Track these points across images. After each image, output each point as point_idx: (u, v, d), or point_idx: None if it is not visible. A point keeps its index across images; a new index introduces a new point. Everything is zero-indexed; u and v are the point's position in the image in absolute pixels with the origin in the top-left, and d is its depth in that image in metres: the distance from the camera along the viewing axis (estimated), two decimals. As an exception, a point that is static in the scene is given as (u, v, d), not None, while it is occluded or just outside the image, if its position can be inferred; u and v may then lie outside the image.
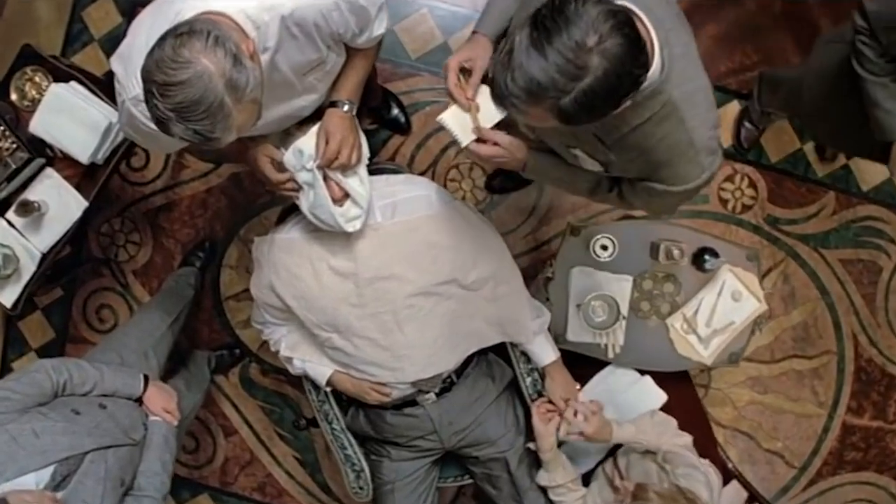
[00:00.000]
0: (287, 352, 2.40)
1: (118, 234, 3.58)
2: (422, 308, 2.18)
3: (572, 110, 1.45)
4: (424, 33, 3.43)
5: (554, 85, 1.42)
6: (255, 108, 1.61)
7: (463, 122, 1.83)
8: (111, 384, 2.29)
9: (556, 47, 1.39)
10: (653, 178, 1.79)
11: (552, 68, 1.41)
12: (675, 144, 1.70)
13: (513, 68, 1.45)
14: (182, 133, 1.54)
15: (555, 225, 3.47)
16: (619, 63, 1.41)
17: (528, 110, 1.50)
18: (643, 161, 1.75)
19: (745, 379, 3.57)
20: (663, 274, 2.76)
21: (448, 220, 2.21)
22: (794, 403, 3.60)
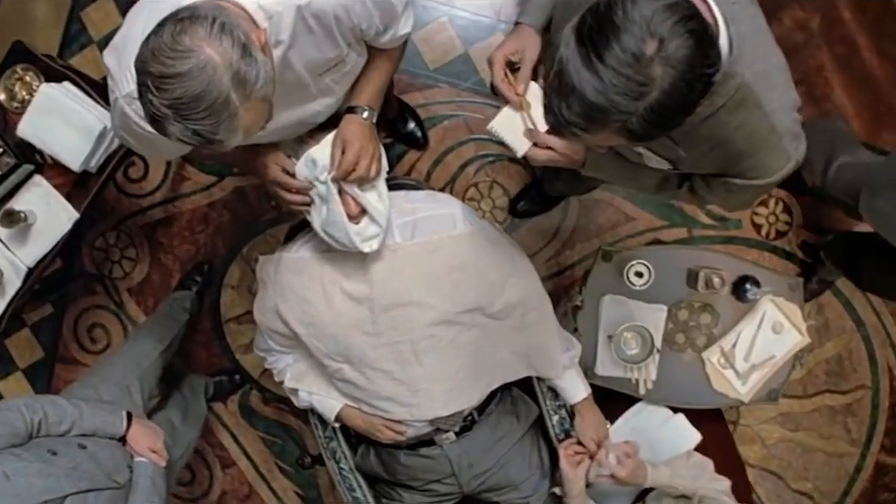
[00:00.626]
0: (292, 383, 2.21)
1: (113, 249, 3.41)
2: (443, 338, 2.00)
3: (642, 130, 1.26)
4: (444, 43, 3.25)
5: (616, 108, 1.22)
6: (264, 108, 1.41)
7: (514, 128, 1.69)
8: (91, 423, 2.10)
9: (609, 64, 1.19)
10: (731, 173, 1.60)
11: (610, 90, 1.21)
12: (755, 132, 1.50)
13: (565, 93, 1.25)
14: (180, 134, 1.34)
15: (579, 249, 3.29)
16: (686, 68, 1.21)
17: (592, 136, 1.31)
18: (718, 154, 1.55)
19: (776, 415, 3.41)
20: (700, 304, 2.59)
21: (473, 242, 2.03)
22: (826, 441, 3.44)
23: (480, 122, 3.23)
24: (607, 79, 1.20)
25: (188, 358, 3.39)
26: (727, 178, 1.61)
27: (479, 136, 3.24)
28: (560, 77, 1.25)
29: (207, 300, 3.36)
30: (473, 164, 3.26)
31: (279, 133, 1.82)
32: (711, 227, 3.28)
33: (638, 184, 1.88)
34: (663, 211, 3.25)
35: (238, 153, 1.89)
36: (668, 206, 3.24)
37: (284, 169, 1.89)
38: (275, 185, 1.90)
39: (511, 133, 1.69)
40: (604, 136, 1.30)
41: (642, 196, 3.21)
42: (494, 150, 3.23)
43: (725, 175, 1.61)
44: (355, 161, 1.79)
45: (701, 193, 1.77)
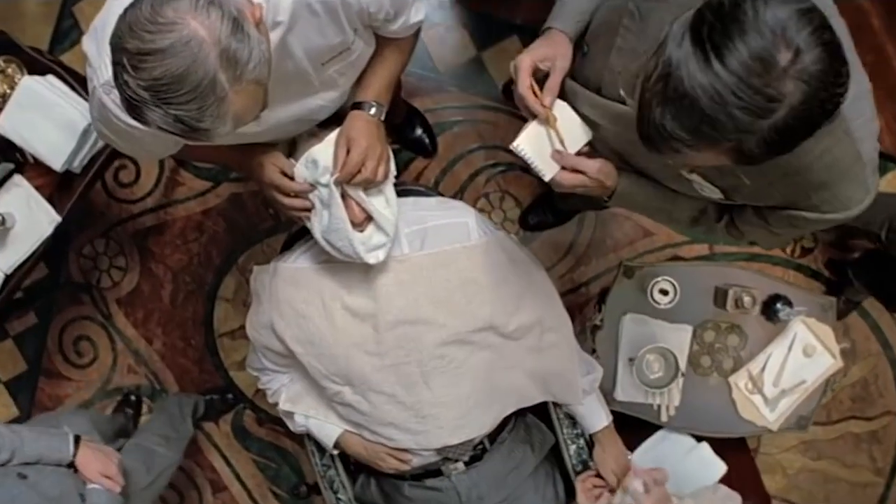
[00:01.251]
0: (287, 405, 2.04)
1: (101, 257, 3.23)
2: (453, 359, 1.84)
3: (758, 152, 1.08)
4: (455, 44, 3.09)
5: (735, 125, 1.04)
6: (258, 94, 1.24)
7: (541, 147, 1.54)
8: (33, 450, 1.94)
9: (733, 70, 1.01)
10: (801, 205, 1.40)
11: (731, 103, 1.03)
12: (839, 161, 1.31)
13: (671, 100, 1.06)
14: (160, 121, 1.17)
15: (594, 265, 3.12)
16: (820, 85, 1.03)
17: (690, 154, 1.12)
18: (790, 184, 1.36)
19: (798, 443, 3.25)
20: (727, 324, 2.44)
21: (488, 254, 1.87)
22: (850, 470, 3.29)
23: (491, 130, 3.07)
24: (729, 88, 1.02)
25: (179, 375, 3.23)
26: (794, 211, 1.42)
27: (491, 144, 3.07)
28: (667, 82, 1.06)
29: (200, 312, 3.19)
30: (484, 174, 3.09)
31: (277, 131, 1.65)
32: (734, 244, 3.11)
33: (670, 216, 1.70)
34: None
35: (232, 153, 1.73)
36: (689, 220, 3.07)
37: (282, 171, 1.72)
38: (271, 189, 1.73)
39: (538, 153, 1.54)
40: (707, 155, 1.12)
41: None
42: (506, 159, 3.07)
43: (793, 208, 1.42)
44: (361, 162, 1.62)
45: (743, 229, 1.60)
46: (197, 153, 1.75)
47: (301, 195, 1.72)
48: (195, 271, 3.19)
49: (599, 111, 1.53)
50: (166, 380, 3.20)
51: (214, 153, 1.75)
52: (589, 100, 1.54)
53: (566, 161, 1.53)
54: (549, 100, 1.51)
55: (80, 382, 3.26)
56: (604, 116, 1.53)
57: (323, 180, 1.66)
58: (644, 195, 1.64)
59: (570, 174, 1.54)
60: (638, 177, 1.62)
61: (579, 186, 1.55)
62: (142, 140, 1.50)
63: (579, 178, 1.54)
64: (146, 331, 3.22)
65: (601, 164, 1.54)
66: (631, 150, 1.56)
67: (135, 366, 3.23)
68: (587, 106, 1.55)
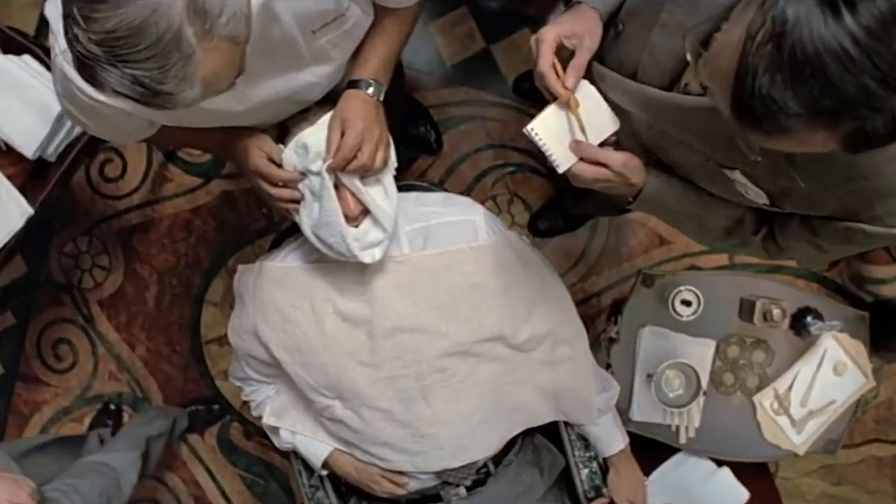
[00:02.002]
0: (272, 419, 1.86)
1: (84, 256, 3.06)
2: (456, 372, 1.66)
3: (884, 134, 0.87)
4: (464, 35, 2.91)
5: (867, 99, 0.82)
6: (232, 55, 1.06)
7: (559, 134, 1.35)
8: None
9: (870, 30, 0.80)
10: (862, 216, 1.19)
11: (868, 70, 0.81)
12: None
13: (785, 67, 0.84)
14: (116, 83, 0.99)
15: (607, 275, 2.94)
16: None
17: (795, 136, 0.90)
18: (853, 190, 1.15)
19: (818, 467, 3.08)
20: (753, 339, 2.26)
21: (497, 256, 1.69)
22: (872, 497, 3.13)
23: (500, 129, 2.89)
24: (864, 51, 0.80)
25: (163, 384, 3.04)
26: (852, 223, 1.21)
27: (499, 143, 2.89)
28: (780, 43, 0.84)
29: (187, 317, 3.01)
30: (491, 175, 2.92)
31: (264, 111, 1.47)
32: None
33: (701, 224, 1.50)
34: (703, 235, 2.90)
35: (213, 136, 1.55)
36: (708, 228, 2.89)
37: (269, 157, 1.54)
38: (257, 177, 1.55)
39: (554, 140, 1.35)
40: (815, 138, 0.90)
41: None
42: (515, 159, 2.89)
43: (851, 219, 1.21)
44: (357, 146, 1.44)
45: (784, 243, 1.40)
46: (175, 137, 1.57)
47: (289, 185, 1.54)
48: (182, 273, 3.01)
49: (631, 98, 1.34)
50: (149, 388, 3.02)
51: (194, 137, 1.56)
52: (621, 85, 1.35)
53: (587, 152, 1.34)
54: (573, 81, 1.32)
55: (58, 388, 3.09)
56: (637, 104, 1.34)
57: (314, 167, 1.48)
58: (674, 198, 1.44)
59: (591, 167, 1.35)
60: (668, 176, 1.43)
61: (600, 181, 1.36)
62: (111, 118, 1.33)
63: (601, 171, 1.34)
64: (129, 335, 3.04)
65: (627, 158, 1.35)
66: (664, 143, 1.37)
67: (116, 372, 3.06)
68: (618, 92, 1.36)
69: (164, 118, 1.39)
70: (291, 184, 1.53)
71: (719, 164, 1.28)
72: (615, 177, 1.35)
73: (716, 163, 1.28)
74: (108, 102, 1.18)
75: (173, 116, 1.36)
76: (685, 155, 1.35)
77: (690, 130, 1.26)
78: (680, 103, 1.24)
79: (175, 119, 1.41)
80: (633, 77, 1.35)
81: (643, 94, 1.31)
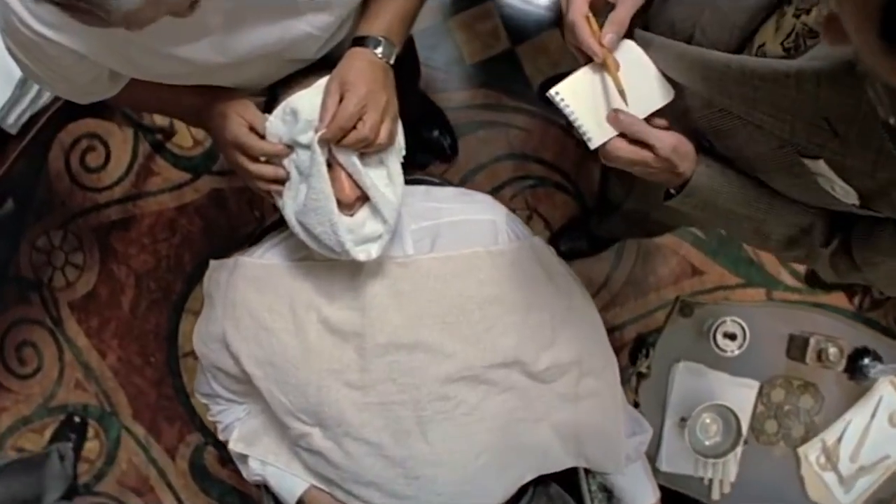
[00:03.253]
0: (240, 445, 1.57)
1: (57, 252, 2.79)
2: (461, 402, 1.38)
3: None
4: (487, 33, 2.65)
5: None
6: None
7: (591, 102, 1.09)
8: None
9: None
10: None
11: None
12: None
13: None
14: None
15: (631, 306, 2.65)
16: None
17: None
18: None
19: None
20: (801, 382, 2.01)
21: (519, 265, 1.42)
22: None
23: (523, 138, 2.62)
24: None
25: (133, 396, 2.75)
26: None
27: (520, 154, 2.63)
28: None
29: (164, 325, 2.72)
30: (510, 188, 2.65)
31: (249, 68, 1.20)
32: (796, 291, 2.66)
33: (759, 229, 1.19)
34: (740, 266, 2.63)
35: (186, 97, 1.28)
36: (746, 260, 2.63)
37: (251, 126, 1.26)
38: (234, 150, 1.27)
39: (584, 109, 1.08)
40: None
41: (716, 244, 2.59)
42: (538, 172, 2.62)
43: None
44: (358, 114, 1.16)
45: (863, 258, 1.09)
46: (143, 97, 1.31)
47: (273, 160, 1.26)
48: (162, 277, 2.74)
49: (687, 65, 1.05)
50: (118, 401, 2.74)
51: (165, 99, 1.30)
52: (673, 50, 1.07)
53: (628, 126, 1.06)
54: (612, 37, 1.04)
55: (19, 395, 2.82)
56: (693, 73, 1.05)
57: (303, 139, 1.21)
58: (728, 194, 1.15)
59: (630, 145, 1.07)
60: (723, 168, 1.14)
61: (639, 164, 1.08)
62: (60, 62, 1.07)
63: (642, 153, 1.07)
64: (100, 342, 2.77)
65: (678, 141, 1.07)
66: (724, 124, 1.08)
67: (84, 381, 2.78)
68: (668, 59, 1.08)
69: (122, 63, 1.13)
70: (275, 159, 1.26)
71: (799, 152, 0.99)
72: (659, 162, 1.07)
73: (794, 149, 0.99)
74: (53, 38, 1.00)
75: (136, 62, 1.10)
76: (751, 140, 1.06)
77: (764, 105, 0.97)
78: (754, 69, 0.95)
79: (140, 68, 1.14)
80: (688, 42, 1.08)
81: (703, 59, 1.02)
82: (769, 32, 0.96)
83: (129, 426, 2.76)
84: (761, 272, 2.64)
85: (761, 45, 0.97)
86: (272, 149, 1.24)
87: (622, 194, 2.04)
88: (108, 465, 2.76)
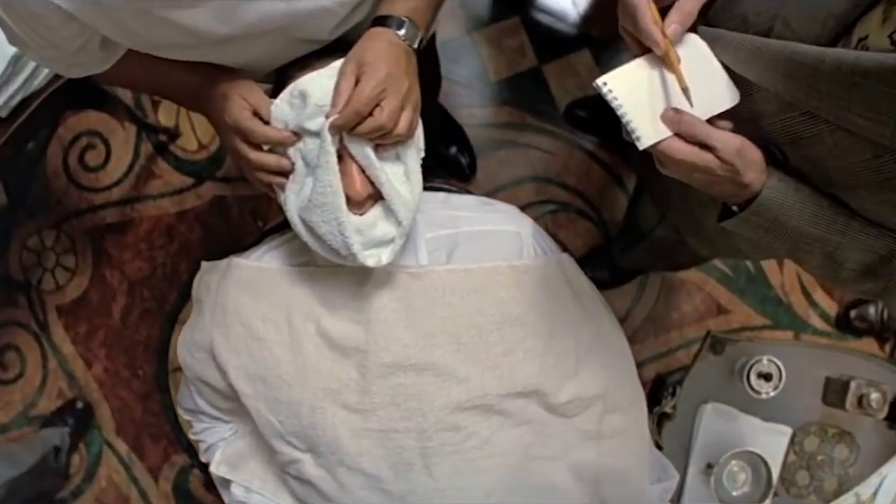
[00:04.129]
0: (223, 468, 1.41)
1: (48, 253, 2.66)
2: (472, 434, 1.22)
3: None
4: (513, 49, 2.53)
5: None
6: None
7: (644, 97, 0.95)
8: None
9: None
10: None
11: None
12: None
13: None
14: None
15: (651, 343, 2.51)
16: None
17: None
18: None
19: None
20: (836, 430, 1.85)
21: (545, 284, 1.27)
22: None
23: (546, 161, 2.49)
24: None
25: (117, 409, 2.59)
26: None
27: (543, 177, 2.50)
28: None
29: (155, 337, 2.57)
30: (530, 212, 2.42)
31: (256, 44, 1.07)
32: (824, 335, 2.52)
33: (831, 254, 1.04)
34: (768, 306, 2.49)
35: (185, 75, 1.15)
36: (774, 300, 2.49)
37: (255, 110, 1.12)
38: (234, 135, 1.13)
39: (635, 103, 0.94)
40: None
41: (744, 282, 2.45)
42: (560, 196, 2.48)
43: None
44: (375, 98, 1.02)
45: None
46: (138, 73, 1.17)
47: (277, 148, 1.13)
48: (156, 285, 2.60)
49: (765, 62, 0.92)
50: (102, 414, 2.59)
51: (162, 77, 1.17)
52: (750, 44, 0.93)
53: (687, 125, 0.92)
54: (676, 27, 0.91)
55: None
56: (774, 70, 0.91)
57: (312, 126, 1.07)
58: (801, 212, 0.99)
59: (688, 146, 0.93)
60: (796, 182, 1.00)
61: (700, 170, 0.94)
62: (44, 21, 0.94)
63: (703, 156, 0.92)
64: (87, 350, 2.63)
65: (743, 144, 0.93)
66: (806, 130, 0.94)
67: (67, 391, 2.63)
68: (743, 54, 0.94)
69: (113, 28, 1.00)
70: (279, 147, 1.12)
71: None
72: (721, 168, 0.92)
73: (894, 159, 0.85)
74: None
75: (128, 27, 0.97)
76: (838, 148, 0.91)
77: (861, 107, 0.84)
78: (855, 63, 0.81)
79: (132, 35, 1.01)
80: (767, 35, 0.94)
81: (790, 53, 0.88)
82: (874, 23, 0.82)
83: (112, 442, 2.60)
84: (789, 313, 2.49)
85: (863, 38, 0.84)
86: (277, 135, 1.10)
87: (654, 220, 1.90)
88: (87, 481, 2.60)
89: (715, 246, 1.57)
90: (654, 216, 1.89)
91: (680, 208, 1.53)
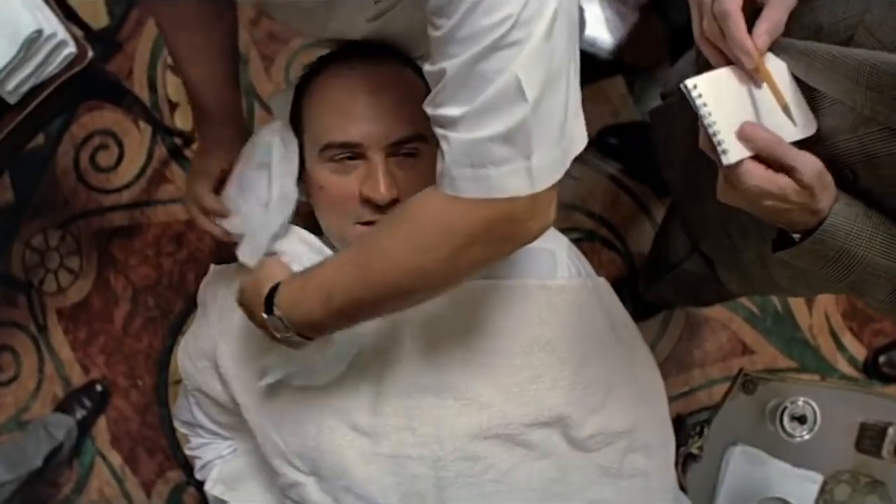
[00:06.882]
0: (218, 487, 1.33)
1: (52, 254, 2.56)
2: (492, 465, 1.12)
3: None
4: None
5: None
6: None
7: (734, 110, 0.88)
8: None
9: None
10: None
11: None
12: None
13: None
14: None
15: (672, 383, 2.38)
16: None
17: None
18: None
19: None
20: (868, 479, 1.73)
21: (579, 308, 1.19)
22: None
23: (572, 187, 2.37)
24: None
25: (113, 420, 2.50)
26: None
27: (569, 203, 2.39)
28: None
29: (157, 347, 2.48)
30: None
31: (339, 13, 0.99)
32: (851, 380, 2.40)
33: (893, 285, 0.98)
34: (794, 348, 2.37)
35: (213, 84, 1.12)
36: (801, 342, 2.38)
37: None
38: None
39: (723, 114, 0.87)
40: None
41: (770, 322, 2.35)
42: (586, 225, 2.38)
43: None
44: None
45: None
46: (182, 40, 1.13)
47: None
48: (162, 294, 2.50)
49: (847, 72, 0.84)
50: (96, 424, 2.48)
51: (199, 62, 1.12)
52: (826, 54, 0.85)
53: (767, 143, 0.84)
54: (766, 39, 0.85)
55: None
56: (856, 80, 0.83)
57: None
58: (870, 238, 0.91)
59: (766, 172, 0.85)
60: (865, 207, 0.91)
61: (773, 197, 0.86)
62: None
63: (780, 181, 0.84)
64: (85, 356, 2.52)
65: (820, 165, 0.85)
66: (883, 149, 0.86)
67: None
68: (818, 65, 0.86)
69: None
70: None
71: None
72: (798, 193, 0.84)
73: None
74: None
75: None
76: None
77: None
78: None
79: None
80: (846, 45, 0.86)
81: (874, 62, 0.80)
82: None
83: (105, 453, 2.49)
84: (816, 356, 2.39)
85: None
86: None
87: (683, 251, 1.80)
88: (77, 493, 2.49)
89: (748, 279, 1.48)
90: (685, 248, 1.79)
91: (717, 237, 1.44)
